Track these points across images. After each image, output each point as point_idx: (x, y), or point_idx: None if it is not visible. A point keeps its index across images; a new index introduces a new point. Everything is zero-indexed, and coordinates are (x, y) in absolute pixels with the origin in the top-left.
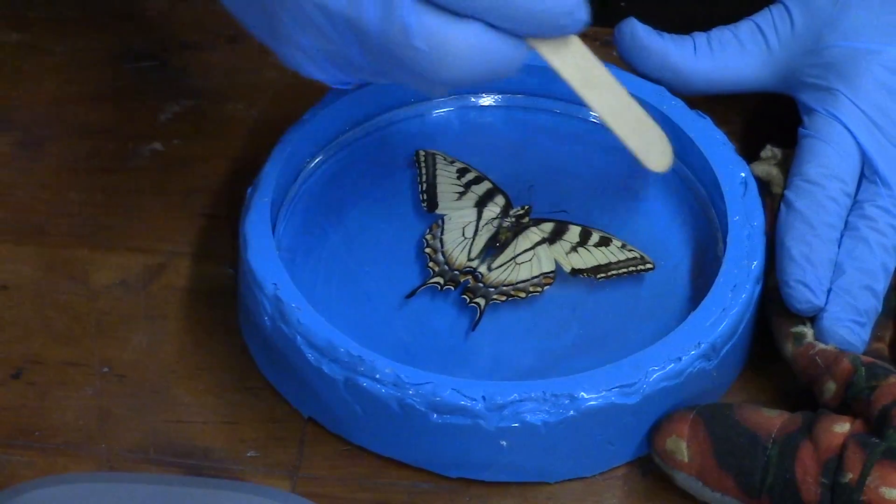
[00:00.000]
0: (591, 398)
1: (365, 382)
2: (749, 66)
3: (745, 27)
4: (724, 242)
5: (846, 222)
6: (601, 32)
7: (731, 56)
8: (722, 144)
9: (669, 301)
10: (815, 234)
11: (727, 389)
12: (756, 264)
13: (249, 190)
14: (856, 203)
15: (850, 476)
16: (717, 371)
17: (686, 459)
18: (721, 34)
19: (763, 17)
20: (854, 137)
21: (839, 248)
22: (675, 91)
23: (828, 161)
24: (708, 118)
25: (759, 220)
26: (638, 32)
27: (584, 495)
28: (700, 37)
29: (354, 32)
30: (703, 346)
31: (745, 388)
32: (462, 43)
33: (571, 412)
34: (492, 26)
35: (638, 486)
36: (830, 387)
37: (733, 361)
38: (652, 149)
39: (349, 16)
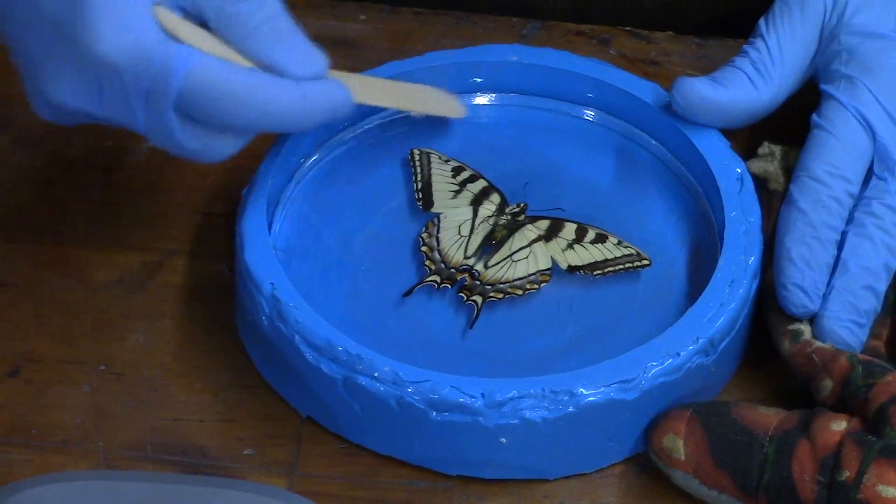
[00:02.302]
0: (590, 394)
1: (363, 381)
2: (795, 72)
3: (771, 34)
4: (721, 238)
5: (852, 218)
6: (597, 30)
7: (780, 72)
8: (717, 140)
9: (666, 297)
10: (815, 236)
11: (725, 386)
12: (753, 259)
13: (245, 189)
14: (863, 199)
15: (847, 474)
16: (716, 366)
17: (683, 457)
18: (758, 52)
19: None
20: (870, 129)
21: (843, 244)
22: (734, 128)
23: (836, 159)
24: None
25: (755, 216)
26: (702, 92)
27: (581, 493)
28: (745, 66)
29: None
30: (701, 341)
31: (741, 385)
32: (228, 150)
33: (571, 408)
34: None
35: (635, 484)
36: (827, 384)
37: (731, 357)
38: (448, 105)
39: (121, 121)
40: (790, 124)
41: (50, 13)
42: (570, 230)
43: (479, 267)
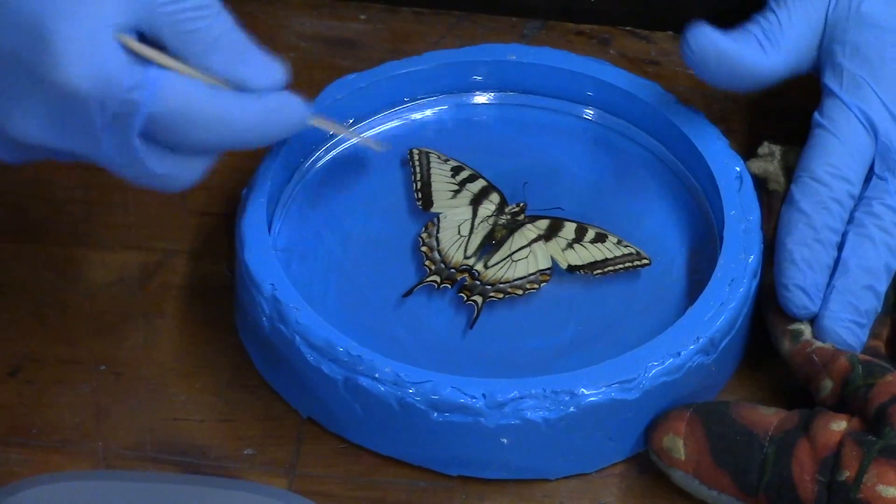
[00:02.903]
0: (591, 394)
1: (365, 382)
2: (802, 51)
3: (782, 8)
4: (721, 237)
5: (852, 218)
6: (597, 30)
7: (788, 45)
8: (716, 139)
9: (666, 296)
10: (816, 238)
11: (724, 386)
12: (753, 258)
13: (245, 189)
14: (863, 199)
15: (846, 474)
16: (716, 365)
17: (683, 457)
18: (768, 22)
19: None
20: (873, 128)
21: (844, 244)
22: (738, 90)
23: (837, 160)
24: (701, 113)
25: (755, 215)
26: (715, 40)
27: (581, 493)
28: (756, 31)
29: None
30: (701, 340)
31: (741, 385)
32: (194, 174)
33: (572, 408)
34: None
35: (635, 484)
36: (827, 385)
37: (731, 356)
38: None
39: (83, 153)
40: (790, 124)
41: (7, 47)
42: (569, 229)
43: (479, 267)
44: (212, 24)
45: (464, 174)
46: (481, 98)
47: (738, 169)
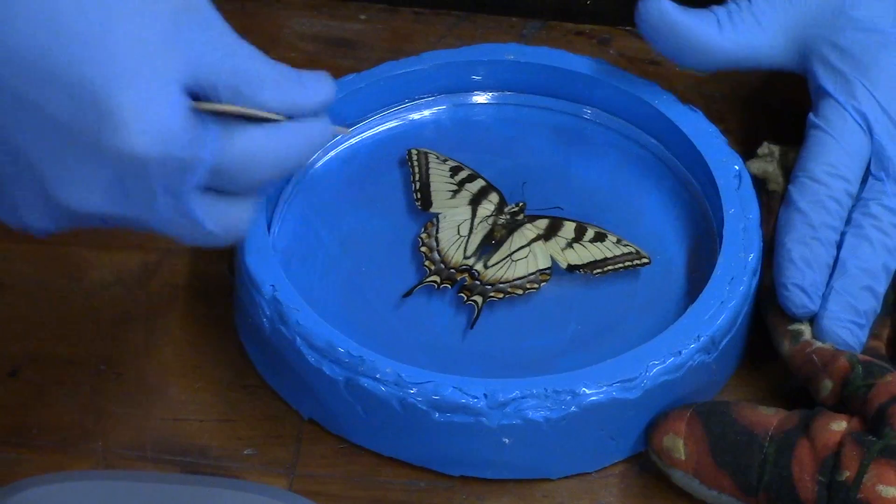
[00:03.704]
0: (592, 393)
1: (366, 382)
2: (767, 42)
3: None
4: (720, 236)
5: (850, 218)
6: (597, 30)
7: (751, 31)
8: (714, 138)
9: (666, 295)
10: (815, 237)
11: (725, 386)
12: (753, 257)
13: None
14: (860, 200)
15: (846, 474)
16: (717, 364)
17: (683, 457)
18: (738, 7)
19: None
20: (868, 128)
21: (842, 245)
22: (693, 67)
23: (835, 159)
24: (699, 111)
25: (754, 213)
26: (666, 7)
27: (581, 493)
28: (721, 11)
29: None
30: (702, 339)
31: (741, 385)
32: (246, 215)
33: (573, 408)
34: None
35: (635, 484)
36: (827, 385)
37: (732, 355)
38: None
39: (135, 217)
40: (790, 124)
41: (62, 117)
42: (569, 229)
43: (479, 267)
44: (255, 62)
45: (463, 174)
46: (480, 98)
47: (737, 168)
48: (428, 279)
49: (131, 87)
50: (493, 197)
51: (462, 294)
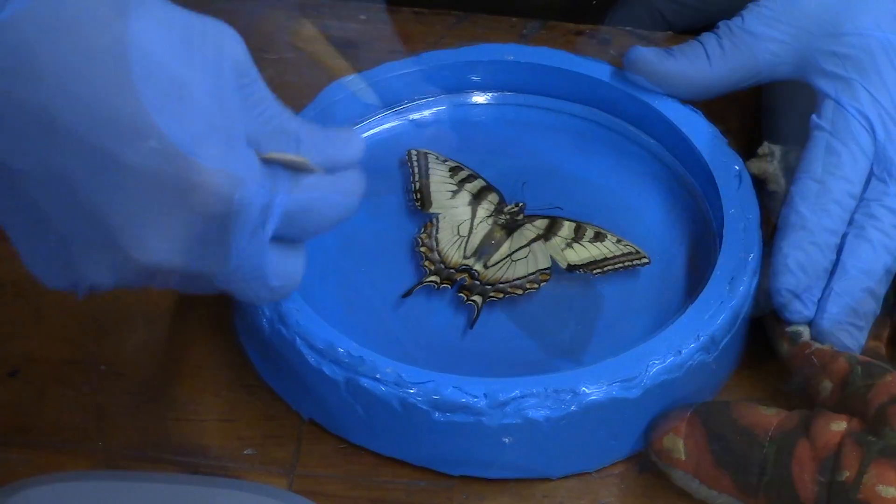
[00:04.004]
0: (593, 393)
1: (366, 383)
2: (764, 58)
3: (752, 15)
4: (720, 235)
5: (852, 220)
6: (597, 30)
7: (745, 53)
8: (714, 138)
9: (666, 295)
10: (813, 241)
11: (724, 386)
12: (753, 256)
13: None
14: (863, 201)
15: (846, 474)
16: (717, 364)
17: (683, 457)
18: (729, 30)
19: (770, 2)
20: (871, 131)
21: (843, 246)
22: (694, 99)
23: (838, 161)
24: (700, 112)
25: (754, 213)
26: (649, 59)
27: (581, 492)
28: (709, 40)
29: (195, 279)
30: (702, 338)
31: (741, 385)
32: (300, 267)
33: (573, 407)
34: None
35: (635, 484)
36: (826, 386)
37: (732, 354)
38: None
39: (204, 271)
40: (790, 124)
41: (150, 173)
42: (568, 229)
43: (479, 267)
44: (292, 122)
45: (462, 174)
46: (479, 98)
47: (737, 167)
48: (427, 279)
49: (210, 142)
50: (493, 197)
51: (462, 294)
